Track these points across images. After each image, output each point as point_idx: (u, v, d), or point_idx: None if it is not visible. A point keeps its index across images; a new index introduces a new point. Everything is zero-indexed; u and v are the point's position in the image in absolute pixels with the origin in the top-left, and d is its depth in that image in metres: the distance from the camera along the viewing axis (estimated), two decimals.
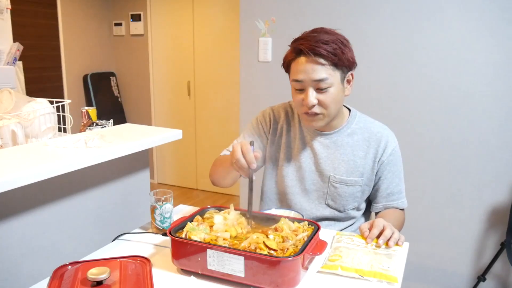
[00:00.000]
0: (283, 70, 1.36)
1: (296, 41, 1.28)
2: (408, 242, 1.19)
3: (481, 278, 2.24)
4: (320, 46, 1.21)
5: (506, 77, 2.15)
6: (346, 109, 1.43)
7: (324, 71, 1.22)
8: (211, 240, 1.02)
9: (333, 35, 1.25)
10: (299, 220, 1.12)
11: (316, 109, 1.26)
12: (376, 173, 1.39)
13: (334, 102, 1.27)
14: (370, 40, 2.39)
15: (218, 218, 1.11)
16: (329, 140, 1.38)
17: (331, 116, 1.31)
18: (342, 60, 1.23)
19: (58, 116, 1.77)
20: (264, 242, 0.98)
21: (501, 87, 2.16)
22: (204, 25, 4.21)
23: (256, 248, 0.97)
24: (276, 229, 1.06)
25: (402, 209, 1.43)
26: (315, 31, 1.27)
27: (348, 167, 1.36)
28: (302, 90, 1.27)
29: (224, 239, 1.02)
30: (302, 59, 1.24)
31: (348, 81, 1.31)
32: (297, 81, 1.26)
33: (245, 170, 1.13)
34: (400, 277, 1.01)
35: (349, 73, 1.30)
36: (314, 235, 1.03)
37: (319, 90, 1.24)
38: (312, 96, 1.24)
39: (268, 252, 0.96)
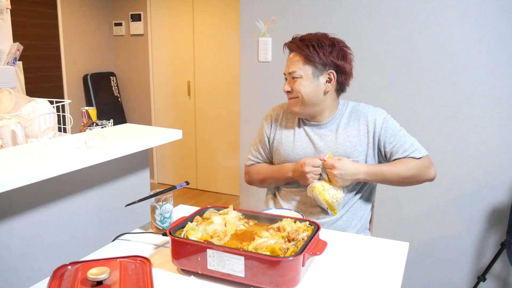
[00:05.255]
0: (283, 70, 1.48)
1: None
2: (408, 242, 1.19)
3: (481, 278, 2.24)
4: (295, 42, 1.42)
5: (506, 77, 2.15)
6: (340, 102, 1.56)
7: (295, 66, 1.43)
8: (206, 239, 1.02)
9: (317, 37, 1.42)
10: (300, 220, 1.12)
11: (292, 95, 1.46)
12: (378, 145, 1.48)
13: (304, 91, 1.43)
14: (370, 40, 2.39)
15: (217, 219, 1.12)
16: (325, 129, 1.50)
17: (308, 104, 1.45)
18: (313, 57, 1.39)
19: (58, 116, 1.77)
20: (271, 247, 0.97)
21: (501, 87, 2.16)
22: (204, 25, 4.21)
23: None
24: (278, 229, 1.07)
25: (419, 158, 1.48)
26: (313, 33, 1.44)
27: (345, 149, 1.46)
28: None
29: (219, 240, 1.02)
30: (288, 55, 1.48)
31: (329, 80, 1.44)
32: (284, 74, 1.50)
33: (310, 181, 1.40)
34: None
35: (326, 72, 1.43)
36: (314, 235, 1.03)
37: (291, 79, 1.45)
38: (287, 84, 1.47)
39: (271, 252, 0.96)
